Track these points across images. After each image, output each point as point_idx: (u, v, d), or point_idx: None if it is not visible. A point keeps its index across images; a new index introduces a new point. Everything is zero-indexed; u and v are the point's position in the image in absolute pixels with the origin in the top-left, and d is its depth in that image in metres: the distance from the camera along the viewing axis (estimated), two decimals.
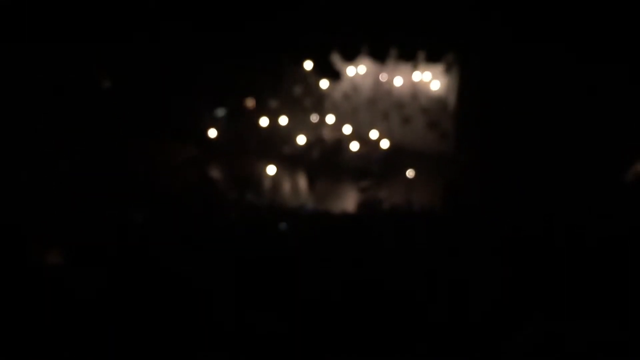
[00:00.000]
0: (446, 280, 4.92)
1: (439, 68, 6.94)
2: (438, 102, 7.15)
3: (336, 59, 7.07)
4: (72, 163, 6.04)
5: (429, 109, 7.14)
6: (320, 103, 7.40)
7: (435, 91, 7.07)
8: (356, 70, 7.15)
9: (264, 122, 7.16)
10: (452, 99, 7.01)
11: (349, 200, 6.82)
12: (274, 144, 7.18)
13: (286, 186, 7.01)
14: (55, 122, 6.27)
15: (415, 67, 7.05)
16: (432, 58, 6.93)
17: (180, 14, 6.44)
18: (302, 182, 7.09)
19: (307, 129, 7.34)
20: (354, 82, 7.29)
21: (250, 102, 7.20)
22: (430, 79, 6.99)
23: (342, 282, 5.01)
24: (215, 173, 6.96)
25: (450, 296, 4.72)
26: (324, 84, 7.16)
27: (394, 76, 7.12)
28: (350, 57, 7.06)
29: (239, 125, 7.13)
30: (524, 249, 5.11)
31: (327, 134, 7.44)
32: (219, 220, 6.07)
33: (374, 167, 7.06)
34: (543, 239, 5.19)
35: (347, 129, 7.27)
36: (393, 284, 5.00)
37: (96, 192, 5.54)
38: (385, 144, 7.11)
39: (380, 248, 5.53)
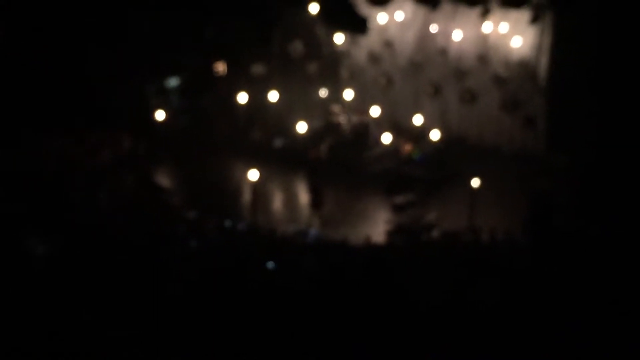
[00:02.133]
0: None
1: (521, 16, 6.29)
2: (520, 71, 6.56)
3: (359, 0, 6.59)
4: None
5: (506, 80, 6.66)
6: (333, 69, 6.92)
7: (515, 52, 6.54)
8: (390, 18, 6.62)
9: (242, 98, 6.56)
10: (542, 66, 6.47)
11: (375, 225, 6.23)
12: (258, 134, 6.99)
13: (276, 201, 6.54)
14: None
15: (484, 15, 6.44)
16: (511, 0, 6.28)
17: None
18: (302, 194, 6.57)
19: (312, 110, 6.82)
20: (387, 37, 6.85)
21: (219, 67, 6.51)
22: (508, 34, 6.46)
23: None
24: (163, 179, 6.39)
25: None
26: (339, 38, 6.84)
27: (451, 28, 6.64)
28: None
29: (202, 104, 6.68)
30: None
31: (342, 119, 6.88)
32: (171, 260, 5.71)
33: (417, 172, 6.56)
34: None
35: (374, 111, 6.82)
36: None
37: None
38: (435, 135, 6.65)
39: (421, 304, 5.34)
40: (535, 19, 6.30)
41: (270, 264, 5.59)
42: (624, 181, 5.88)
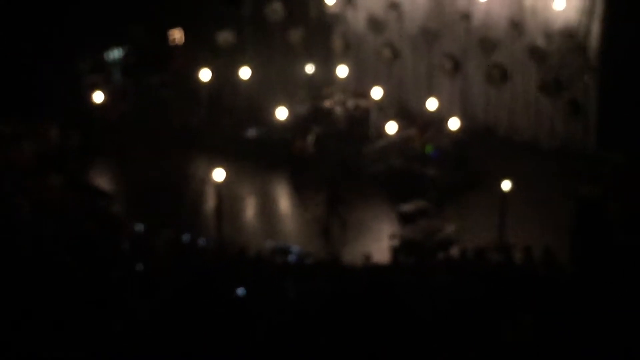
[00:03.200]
0: None
1: None
2: (564, 42, 6.07)
3: None
4: None
5: (547, 54, 6.20)
6: (323, 38, 6.36)
7: (559, 17, 6.10)
8: None
9: (204, 75, 6.06)
10: (593, 36, 5.99)
11: (376, 240, 5.83)
12: (225, 123, 6.43)
13: (249, 209, 6.06)
14: None
15: None
16: None
17: None
18: (282, 200, 6.20)
19: (295, 91, 6.28)
20: None
21: (174, 34, 6.07)
22: None
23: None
24: (100, 181, 5.95)
25: None
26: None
27: None
28: None
29: (152, 83, 6.17)
30: None
31: (334, 103, 6.39)
32: (111, 288, 5.27)
33: (431, 171, 6.04)
34: None
35: (376, 93, 6.26)
36: None
37: None
38: (454, 124, 6.15)
39: (434, 346, 4.98)
40: None
41: (240, 291, 5.29)
42: None
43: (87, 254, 5.66)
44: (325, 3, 6.54)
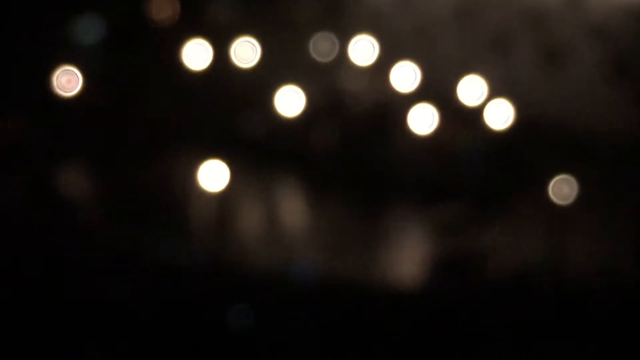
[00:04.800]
0: None
1: None
2: (625, 18, 5.79)
3: None
4: None
5: (606, 31, 5.85)
6: (335, 8, 5.96)
7: None
8: None
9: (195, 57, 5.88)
10: None
11: (405, 255, 5.58)
12: (222, 114, 5.83)
13: (251, 216, 5.69)
14: None
15: None
16: None
17: None
18: (293, 203, 5.79)
19: (301, 73, 5.91)
20: None
21: (164, 9, 5.76)
22: None
23: None
24: (69, 183, 5.66)
25: None
26: None
27: None
28: None
29: (134, 66, 5.80)
30: None
31: (350, 86, 6.05)
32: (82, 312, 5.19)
33: (472, 173, 5.80)
34: None
35: (402, 78, 6.01)
36: None
37: None
38: (504, 117, 5.87)
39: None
40: None
41: (244, 310, 5.19)
42: None
43: (51, 271, 5.47)
44: None
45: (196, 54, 6.54)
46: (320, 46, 6.18)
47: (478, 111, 6.36)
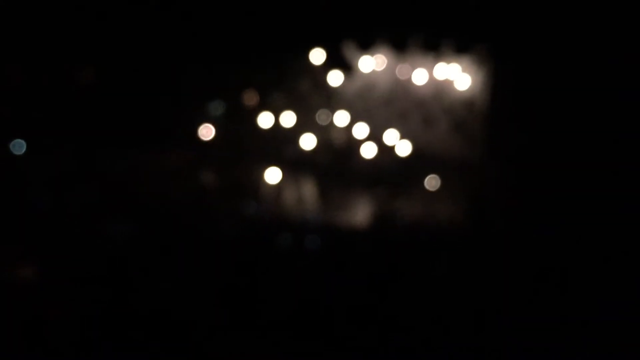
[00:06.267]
0: (464, 307, 6.60)
1: (468, 61, 7.97)
2: (465, 102, 8.22)
3: (348, 50, 8.00)
4: (46, 171, 6.99)
5: (453, 109, 8.14)
6: (331, 101, 8.34)
7: (462, 89, 8.08)
8: (372, 63, 8.10)
9: (266, 121, 7.89)
10: (482, 99, 8.16)
11: (360, 212, 7.77)
12: (278, 147, 8.13)
13: (290, 195, 7.74)
14: (27, 123, 7.16)
15: (439, 60, 8.01)
16: (461, 49, 7.95)
17: (171, 1, 7.43)
18: (309, 190, 7.77)
19: (315, 130, 8.24)
20: (369, 78, 8.17)
21: (251, 99, 7.76)
22: (458, 74, 8.06)
23: (348, 308, 6.52)
24: (209, 180, 7.66)
25: (467, 326, 6.48)
26: (335, 79, 8.06)
27: (415, 69, 8.09)
28: (365, 47, 8.03)
29: (238, 126, 7.99)
30: (553, 281, 6.68)
31: (335, 134, 7.97)
32: (214, 234, 7.14)
33: (389, 175, 8.15)
34: (578, 273, 6.74)
35: (360, 131, 8.25)
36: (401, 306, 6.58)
37: (73, 203, 6.72)
38: (407, 149, 7.90)
39: (392, 267, 6.91)
40: (478, 64, 7.74)
41: (285, 238, 7.01)
42: (546, 186, 7.29)
43: (204, 220, 7.19)
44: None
45: (267, 120, 7.99)
46: (321, 117, 8.59)
47: (395, 146, 8.12)
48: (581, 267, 6.64)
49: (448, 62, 8.04)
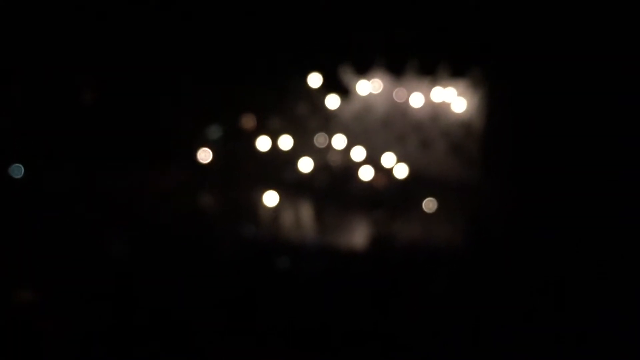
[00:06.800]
0: (465, 328, 6.61)
1: (464, 85, 8.05)
2: (462, 124, 8.27)
3: (346, 73, 8.10)
4: (43, 190, 7.06)
5: (450, 131, 8.32)
6: (328, 124, 8.39)
7: (458, 112, 8.19)
8: (369, 87, 8.18)
9: (264, 145, 7.94)
10: (478, 121, 8.23)
11: (358, 235, 7.75)
12: (276, 170, 8.20)
13: (288, 217, 7.73)
14: (24, 140, 7.24)
15: (435, 83, 8.12)
16: (456, 73, 8.03)
17: (170, 23, 7.51)
18: (307, 213, 7.77)
19: (313, 153, 8.30)
20: (366, 101, 8.28)
21: (249, 122, 7.80)
22: (454, 97, 8.16)
23: (346, 332, 6.62)
24: (208, 203, 7.66)
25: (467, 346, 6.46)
26: (333, 102, 8.06)
27: (412, 93, 8.21)
28: (362, 71, 8.09)
29: (236, 148, 8.03)
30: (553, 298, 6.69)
31: (334, 158, 8.38)
32: (212, 256, 7.23)
33: (388, 197, 8.23)
34: (579, 290, 6.71)
35: (358, 154, 8.28)
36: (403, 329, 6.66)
37: (71, 224, 6.78)
38: (403, 172, 8.26)
39: (391, 289, 6.96)
40: (474, 87, 7.85)
41: (283, 261, 7.02)
42: (543, 206, 7.27)
43: (203, 242, 7.25)
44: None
45: (265, 143, 7.96)
46: (319, 140, 8.64)
47: (392, 169, 8.16)
48: (579, 286, 6.60)
49: (444, 85, 8.09)
